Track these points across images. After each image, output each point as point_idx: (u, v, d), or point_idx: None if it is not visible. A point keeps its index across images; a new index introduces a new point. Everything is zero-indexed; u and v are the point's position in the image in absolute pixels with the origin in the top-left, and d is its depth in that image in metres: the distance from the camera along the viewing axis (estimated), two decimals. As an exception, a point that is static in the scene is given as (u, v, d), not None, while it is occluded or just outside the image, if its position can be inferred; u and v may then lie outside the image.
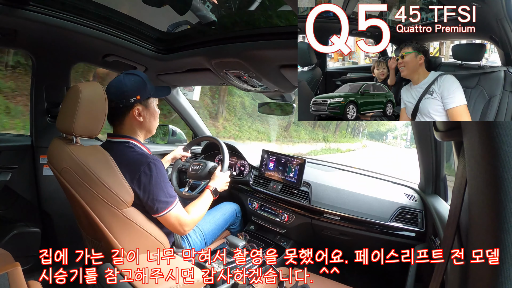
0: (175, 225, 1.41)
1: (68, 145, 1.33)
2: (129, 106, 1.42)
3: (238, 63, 1.59)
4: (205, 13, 1.62)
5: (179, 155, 2.00)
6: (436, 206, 1.63)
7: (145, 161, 1.35)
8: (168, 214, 1.38)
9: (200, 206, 1.55)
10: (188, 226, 1.45)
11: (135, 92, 1.42)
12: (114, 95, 1.39)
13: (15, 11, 1.48)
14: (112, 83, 1.43)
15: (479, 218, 0.68)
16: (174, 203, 1.40)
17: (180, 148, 2.03)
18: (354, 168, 2.39)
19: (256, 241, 2.15)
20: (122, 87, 1.40)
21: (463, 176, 0.78)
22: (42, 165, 2.00)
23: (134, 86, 1.42)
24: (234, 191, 2.37)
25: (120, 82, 1.42)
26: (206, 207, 1.58)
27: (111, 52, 1.90)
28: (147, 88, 1.46)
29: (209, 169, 1.84)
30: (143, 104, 1.45)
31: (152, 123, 1.51)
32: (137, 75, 1.45)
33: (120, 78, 1.43)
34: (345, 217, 1.88)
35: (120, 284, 1.05)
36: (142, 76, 1.46)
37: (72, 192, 1.28)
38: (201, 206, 1.55)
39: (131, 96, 1.41)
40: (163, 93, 1.57)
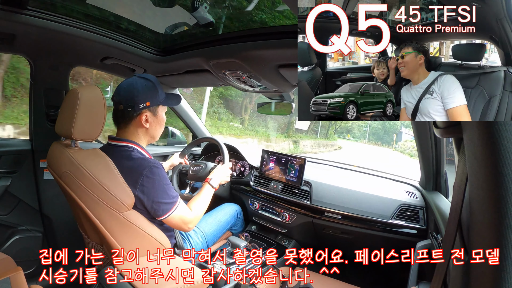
0: (180, 224, 1.42)
1: (67, 149, 1.33)
2: (137, 111, 1.40)
3: (237, 64, 1.58)
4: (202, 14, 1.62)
5: (176, 162, 2.00)
6: (437, 203, 1.63)
7: (147, 165, 1.34)
8: (172, 215, 1.38)
9: (201, 200, 1.54)
10: (192, 223, 1.45)
11: (145, 98, 1.40)
12: (124, 98, 1.38)
13: (13, 15, 1.48)
14: (123, 85, 1.41)
15: (480, 214, 0.69)
16: (177, 203, 1.40)
17: (176, 156, 2.02)
18: (355, 166, 2.39)
19: (257, 241, 2.15)
20: (133, 91, 1.39)
21: (464, 173, 0.79)
22: (42, 169, 2.00)
23: (145, 91, 1.40)
24: (234, 192, 2.37)
25: (131, 85, 1.40)
26: (207, 201, 1.57)
27: (109, 55, 1.90)
28: (158, 95, 1.44)
29: (209, 169, 1.82)
30: (152, 111, 1.43)
31: (158, 130, 1.50)
32: (150, 80, 1.43)
33: (132, 81, 1.41)
34: (346, 215, 1.88)
35: (120, 284, 1.06)
36: (155, 82, 1.44)
37: (72, 196, 1.28)
38: (202, 201, 1.55)
39: (141, 102, 1.39)
40: (173, 102, 1.56)
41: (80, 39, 1.70)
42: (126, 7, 1.81)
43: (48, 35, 1.65)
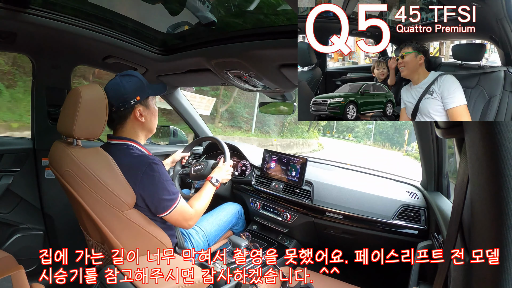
0: (180, 221, 1.43)
1: (69, 148, 1.33)
2: (130, 108, 1.41)
3: (239, 63, 1.59)
4: (204, 14, 1.62)
5: (178, 157, 2.00)
6: (439, 204, 1.63)
7: (146, 162, 1.35)
8: (173, 211, 1.39)
9: (202, 198, 1.55)
10: (192, 220, 1.47)
11: (134, 93, 1.41)
12: (114, 99, 1.38)
13: (14, 14, 1.48)
14: (109, 87, 1.41)
15: (481, 214, 0.68)
16: (178, 199, 1.40)
17: (179, 151, 2.03)
18: (356, 166, 2.39)
19: (258, 240, 2.15)
20: (121, 90, 1.39)
21: (465, 173, 0.78)
22: (43, 167, 2.01)
23: (133, 87, 1.41)
24: (236, 191, 2.38)
25: (117, 85, 1.40)
26: (208, 198, 1.58)
27: (111, 54, 1.90)
28: (145, 87, 1.45)
29: (211, 166, 1.83)
30: (143, 104, 1.45)
31: (153, 122, 1.51)
32: (134, 76, 1.44)
33: (117, 81, 1.41)
34: (347, 215, 1.88)
35: (120, 284, 1.06)
36: (139, 76, 1.46)
37: (74, 194, 1.29)
38: (203, 198, 1.56)
39: (131, 98, 1.40)
40: (160, 90, 1.56)
41: (82, 38, 1.71)
42: (128, 6, 1.81)
43: (50, 34, 1.66)
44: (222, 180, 1.70)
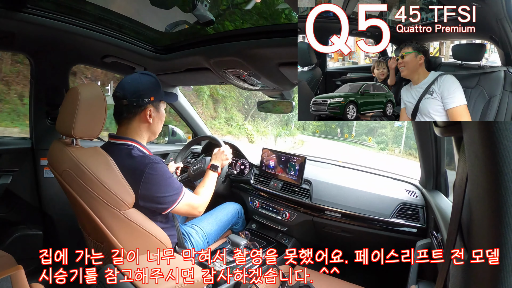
0: (189, 210, 1.47)
1: (68, 147, 1.33)
2: (142, 106, 1.41)
3: (237, 62, 1.59)
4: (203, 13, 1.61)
5: (173, 169, 2.00)
6: (437, 202, 1.63)
7: (148, 162, 1.35)
8: (180, 204, 1.41)
9: (206, 185, 1.61)
10: (201, 206, 1.52)
11: (150, 93, 1.41)
12: (129, 92, 1.38)
13: (12, 13, 1.48)
14: (127, 80, 1.41)
15: (480, 213, 0.68)
16: (182, 192, 1.42)
17: (172, 163, 2.03)
18: (355, 165, 2.39)
19: (257, 239, 2.15)
20: (139, 86, 1.40)
21: (464, 172, 0.78)
22: (42, 167, 2.00)
23: (150, 86, 1.42)
24: (235, 190, 2.38)
25: (136, 80, 1.41)
26: (212, 185, 1.64)
27: (109, 53, 1.90)
28: (161, 90, 1.46)
29: (208, 160, 1.84)
30: (155, 106, 1.45)
31: (159, 126, 1.51)
32: (153, 76, 1.45)
33: (136, 77, 1.42)
34: (346, 214, 1.89)
35: (120, 284, 1.06)
36: (156, 78, 1.47)
37: (73, 194, 1.28)
38: (208, 185, 1.61)
39: (146, 96, 1.40)
40: (172, 98, 1.59)
41: (81, 38, 1.70)
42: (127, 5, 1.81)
43: (48, 34, 1.66)
44: (222, 163, 1.74)
